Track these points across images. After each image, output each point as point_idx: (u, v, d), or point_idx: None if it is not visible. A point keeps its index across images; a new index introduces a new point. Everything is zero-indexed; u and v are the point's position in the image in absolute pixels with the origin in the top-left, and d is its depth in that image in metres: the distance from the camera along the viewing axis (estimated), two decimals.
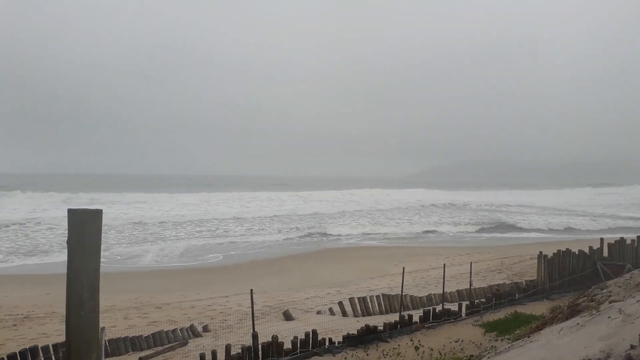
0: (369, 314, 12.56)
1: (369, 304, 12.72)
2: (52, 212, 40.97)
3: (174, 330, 10.38)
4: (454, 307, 11.16)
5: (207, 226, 36.05)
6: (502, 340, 8.53)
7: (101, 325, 11.35)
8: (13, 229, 31.27)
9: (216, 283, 18.04)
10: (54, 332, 10.99)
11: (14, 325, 11.81)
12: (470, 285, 13.02)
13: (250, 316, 8.53)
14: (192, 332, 10.69)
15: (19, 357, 7.88)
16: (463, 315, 10.78)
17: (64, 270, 3.18)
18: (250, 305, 8.63)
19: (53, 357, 8.25)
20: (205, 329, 11.22)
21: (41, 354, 8.16)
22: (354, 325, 10.20)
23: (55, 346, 8.33)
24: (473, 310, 10.95)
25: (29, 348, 8.07)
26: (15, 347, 9.35)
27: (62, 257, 22.74)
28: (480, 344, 8.54)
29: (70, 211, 3.09)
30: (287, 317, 12.24)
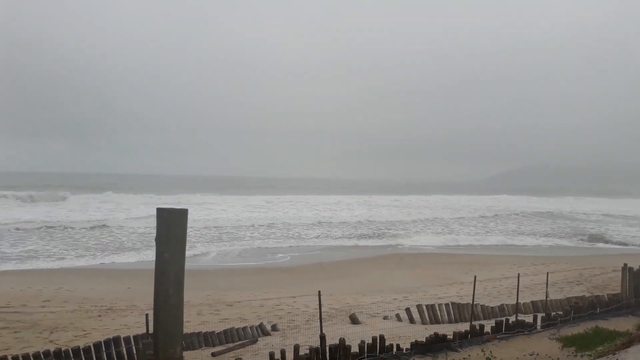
0: (437, 322, 12.28)
1: (438, 311, 12.43)
2: (134, 211, 43.63)
3: (244, 328, 10.69)
4: (528, 318, 10.67)
5: (276, 227, 36.86)
6: (581, 356, 8.05)
7: None
8: (99, 227, 33.54)
9: (284, 283, 18.39)
10: (134, 324, 11.66)
11: (99, 315, 12.66)
12: (547, 297, 12.39)
13: (318, 317, 8.62)
14: (262, 331, 10.96)
15: (103, 346, 8.48)
16: (538, 327, 10.28)
17: (144, 267, 3.40)
18: (317, 307, 8.72)
19: (133, 347, 8.76)
20: (274, 328, 11.47)
21: (123, 344, 8.71)
22: (421, 332, 10.02)
23: (135, 337, 8.84)
24: (549, 323, 10.41)
25: (112, 338, 8.65)
26: (99, 337, 10.05)
27: (142, 254, 24.17)
28: (557, 358, 8.11)
29: (158, 210, 3.30)
30: (354, 320, 12.24)
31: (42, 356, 7.93)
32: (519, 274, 12.00)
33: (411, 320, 12.29)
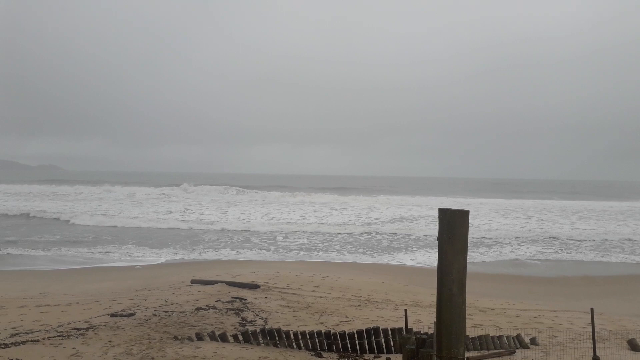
0: None
1: None
2: (414, 210, 46.36)
3: (499, 337, 10.21)
4: None
5: (535, 233, 34.21)
6: None
7: (426, 319, 12.06)
8: (362, 226, 36.70)
9: (542, 295, 16.90)
10: (390, 317, 12.34)
11: (359, 305, 13.80)
12: None
13: (586, 337, 7.67)
14: (519, 342, 10.29)
15: (365, 334, 9.26)
16: None
17: (395, 264, 3.54)
18: (584, 325, 7.78)
19: (391, 340, 9.29)
20: (533, 341, 10.64)
21: (382, 335, 9.33)
22: None
23: (392, 330, 9.35)
24: None
25: (372, 328, 9.34)
26: (360, 325, 10.97)
27: (395, 255, 25.47)
28: None
29: (441, 211, 3.43)
30: (633, 347, 10.43)
31: (315, 335, 9.10)
32: None
33: None
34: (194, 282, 15.55)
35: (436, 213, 3.65)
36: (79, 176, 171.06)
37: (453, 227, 3.28)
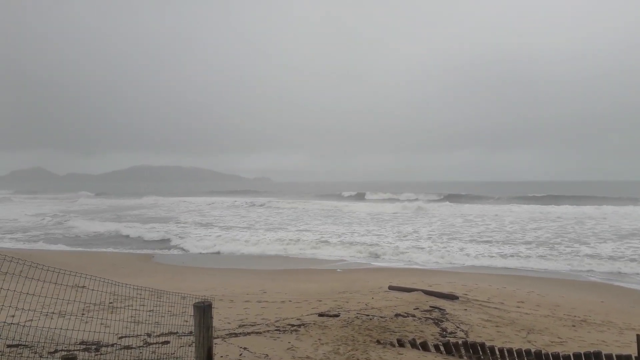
0: None
1: None
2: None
3: None
4: None
5: None
6: None
7: None
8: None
9: None
10: (613, 342, 10.81)
11: (573, 325, 12.39)
12: None
13: None
14: None
15: (583, 358, 8.23)
16: None
17: (614, 284, 3.00)
18: None
19: None
20: None
21: None
22: None
23: (619, 357, 8.15)
24: None
25: (592, 352, 8.26)
26: (575, 347, 9.82)
27: (612, 274, 22.24)
28: None
29: None
30: None
31: (524, 354, 8.46)
32: None
33: None
34: (391, 288, 15.88)
35: None
36: (285, 187, 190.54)
37: None
